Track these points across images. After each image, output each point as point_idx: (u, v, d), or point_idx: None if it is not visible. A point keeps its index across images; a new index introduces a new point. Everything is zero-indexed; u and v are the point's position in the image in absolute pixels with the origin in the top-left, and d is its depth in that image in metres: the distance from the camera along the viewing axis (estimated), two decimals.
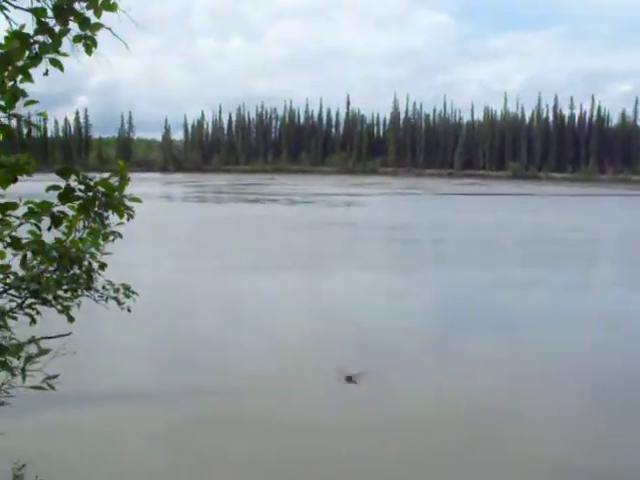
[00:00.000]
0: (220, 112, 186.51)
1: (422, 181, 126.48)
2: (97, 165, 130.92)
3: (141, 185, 76.40)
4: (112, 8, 2.86)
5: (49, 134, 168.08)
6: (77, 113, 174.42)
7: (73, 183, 3.11)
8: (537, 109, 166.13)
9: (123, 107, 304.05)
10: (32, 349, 3.83)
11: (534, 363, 14.24)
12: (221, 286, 22.58)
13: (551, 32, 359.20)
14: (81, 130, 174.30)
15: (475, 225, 45.37)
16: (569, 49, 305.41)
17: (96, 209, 3.25)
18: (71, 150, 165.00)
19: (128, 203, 3.33)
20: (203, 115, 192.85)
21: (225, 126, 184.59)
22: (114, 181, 3.35)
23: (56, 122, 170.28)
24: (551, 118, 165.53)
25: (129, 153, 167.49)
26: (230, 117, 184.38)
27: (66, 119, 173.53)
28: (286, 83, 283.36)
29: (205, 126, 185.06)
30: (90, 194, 3.15)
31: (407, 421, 10.86)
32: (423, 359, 14.58)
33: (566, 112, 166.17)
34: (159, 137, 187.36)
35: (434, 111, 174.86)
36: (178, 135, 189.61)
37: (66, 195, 3.11)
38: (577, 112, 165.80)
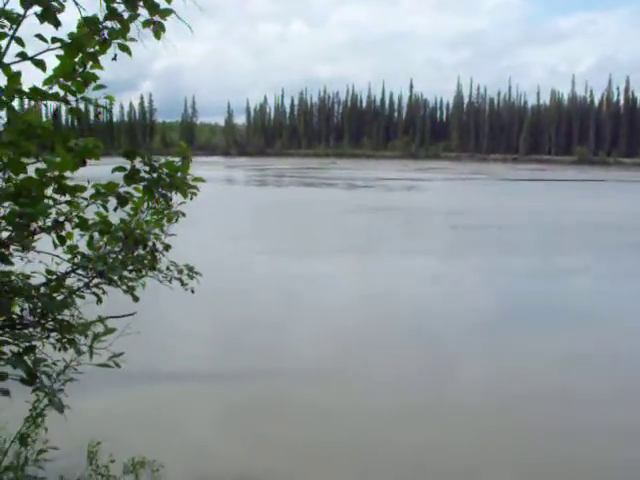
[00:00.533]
0: (282, 96, 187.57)
1: (486, 166, 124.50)
2: (161, 149, 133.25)
3: (203, 168, 77.39)
4: None
5: (115, 119, 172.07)
6: (142, 98, 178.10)
7: (138, 165, 3.20)
8: (607, 92, 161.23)
9: (186, 92, 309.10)
10: (98, 328, 3.96)
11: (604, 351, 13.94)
12: (277, 268, 22.77)
13: (621, 12, 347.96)
14: (145, 115, 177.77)
15: (538, 211, 44.49)
16: None
17: (160, 190, 3.34)
18: (136, 134, 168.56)
19: (191, 182, 3.41)
20: (265, 99, 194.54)
21: (287, 110, 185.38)
22: (177, 162, 3.43)
23: (121, 107, 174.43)
24: (622, 101, 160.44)
25: (192, 137, 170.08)
26: (292, 101, 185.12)
27: (131, 104, 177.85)
28: (348, 67, 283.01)
29: (267, 110, 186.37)
30: (155, 175, 3.24)
31: (468, 410, 10.78)
32: (485, 346, 14.41)
33: (638, 95, 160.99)
34: (222, 121, 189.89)
35: (498, 95, 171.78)
36: (240, 119, 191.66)
37: (131, 176, 3.20)
38: None
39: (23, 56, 2.76)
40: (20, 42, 2.77)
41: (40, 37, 2.74)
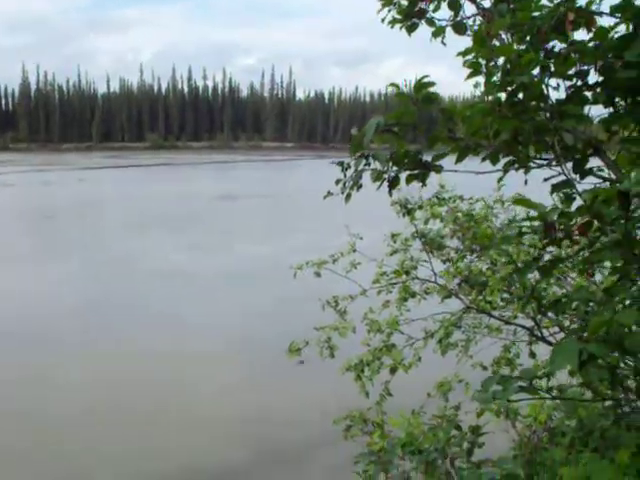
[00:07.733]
0: None
1: (60, 156, 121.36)
2: None
3: None
4: None
5: None
6: None
7: None
8: (172, 80, 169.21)
9: None
10: None
11: None
12: None
13: (182, 5, 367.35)
14: None
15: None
16: (200, 22, 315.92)
17: None
18: None
19: None
20: None
21: None
22: None
23: None
24: (186, 89, 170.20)
25: None
26: None
27: None
28: None
29: None
30: None
31: None
32: None
33: (200, 83, 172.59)
34: None
35: (67, 82, 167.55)
36: None
37: None
38: (210, 83, 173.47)
39: None
40: None
41: None
